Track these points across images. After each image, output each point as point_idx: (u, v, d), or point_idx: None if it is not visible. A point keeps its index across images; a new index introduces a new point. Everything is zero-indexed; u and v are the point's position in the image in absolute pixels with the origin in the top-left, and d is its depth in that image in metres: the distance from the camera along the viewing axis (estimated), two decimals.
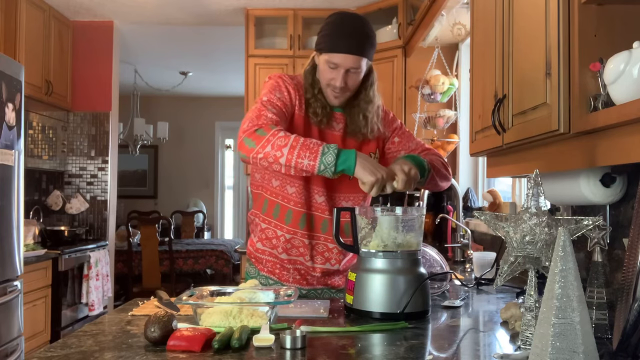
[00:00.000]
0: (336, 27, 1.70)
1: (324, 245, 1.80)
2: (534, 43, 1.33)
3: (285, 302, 1.39)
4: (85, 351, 1.15)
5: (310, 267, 1.80)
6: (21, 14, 3.83)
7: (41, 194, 4.64)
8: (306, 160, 1.52)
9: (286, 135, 1.55)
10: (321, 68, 1.73)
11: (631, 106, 0.95)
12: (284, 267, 1.81)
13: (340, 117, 1.80)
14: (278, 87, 1.73)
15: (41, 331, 3.65)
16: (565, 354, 0.86)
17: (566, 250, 0.90)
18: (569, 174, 1.51)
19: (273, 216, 1.79)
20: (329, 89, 1.73)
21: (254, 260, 1.87)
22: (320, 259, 1.80)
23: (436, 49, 3.46)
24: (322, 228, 1.78)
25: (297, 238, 1.78)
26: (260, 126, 1.58)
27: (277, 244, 1.80)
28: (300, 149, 1.52)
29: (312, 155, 1.52)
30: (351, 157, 1.53)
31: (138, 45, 5.54)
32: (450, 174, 1.86)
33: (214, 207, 8.29)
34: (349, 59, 1.67)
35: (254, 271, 1.87)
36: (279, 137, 1.54)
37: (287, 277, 1.81)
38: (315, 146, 1.53)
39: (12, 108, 2.94)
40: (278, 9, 4.43)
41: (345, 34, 1.67)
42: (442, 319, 1.53)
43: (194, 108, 8.16)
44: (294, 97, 1.74)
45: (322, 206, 1.77)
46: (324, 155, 1.51)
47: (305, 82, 1.78)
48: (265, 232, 1.81)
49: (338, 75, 1.68)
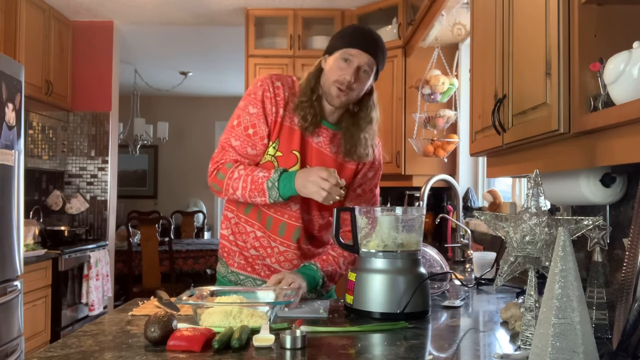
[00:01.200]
0: (354, 30, 1.78)
1: (292, 253, 1.79)
2: (534, 43, 1.33)
3: (285, 302, 1.39)
4: (85, 351, 1.15)
5: (276, 269, 1.79)
6: (21, 14, 3.83)
7: (41, 194, 4.64)
8: (258, 198, 1.68)
9: (239, 175, 1.69)
10: (331, 66, 1.72)
11: (631, 106, 0.95)
12: (255, 262, 1.81)
13: (327, 132, 1.78)
14: (252, 100, 1.75)
15: (41, 331, 3.65)
16: (565, 354, 0.86)
17: (566, 250, 0.90)
18: (569, 174, 1.51)
19: (244, 212, 1.80)
20: (334, 85, 1.70)
21: (225, 255, 1.87)
22: (287, 265, 1.79)
23: (436, 49, 3.46)
24: (294, 236, 1.77)
25: (265, 238, 1.78)
26: (219, 169, 1.73)
27: (247, 240, 1.80)
28: (250, 189, 1.68)
29: (260, 193, 1.67)
30: (290, 184, 1.63)
31: (138, 45, 5.54)
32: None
33: (214, 207, 8.29)
34: (364, 56, 1.69)
35: (224, 270, 1.87)
36: (233, 179, 1.70)
37: (258, 270, 1.81)
38: (261, 183, 1.66)
39: (12, 108, 2.94)
40: (278, 9, 4.43)
41: (364, 36, 1.73)
42: (442, 319, 1.53)
43: (193, 108, 8.16)
44: (270, 104, 1.73)
45: (295, 214, 1.76)
46: (269, 190, 1.66)
47: (306, 85, 1.76)
48: (237, 226, 1.82)
49: (350, 70, 1.69)
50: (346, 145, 1.77)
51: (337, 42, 1.73)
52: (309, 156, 1.77)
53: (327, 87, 1.73)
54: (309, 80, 1.77)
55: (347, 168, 1.80)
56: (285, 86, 1.77)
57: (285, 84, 1.77)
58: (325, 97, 1.75)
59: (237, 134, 1.74)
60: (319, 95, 1.75)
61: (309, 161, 1.76)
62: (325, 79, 1.74)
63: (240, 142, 1.73)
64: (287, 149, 1.74)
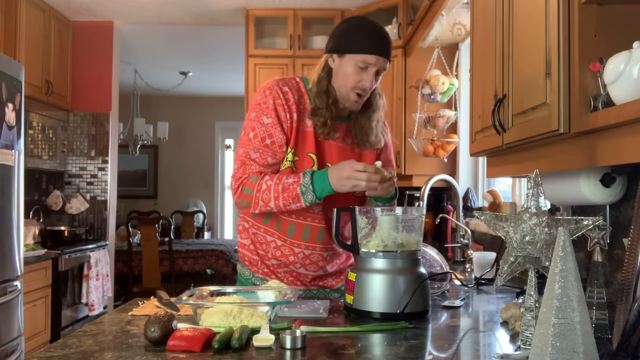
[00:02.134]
0: (365, 30, 1.69)
1: (318, 255, 1.77)
2: (534, 43, 1.33)
3: (285, 302, 1.39)
4: (85, 351, 1.15)
5: (302, 274, 1.79)
6: (21, 14, 3.83)
7: (41, 194, 4.64)
8: (293, 205, 1.65)
9: (267, 187, 1.65)
10: (346, 70, 1.68)
11: (631, 106, 0.95)
12: (276, 271, 1.80)
13: (341, 127, 1.78)
14: (264, 110, 1.70)
15: (41, 331, 3.65)
16: (565, 354, 0.86)
17: (566, 250, 0.90)
18: (569, 174, 1.51)
19: (262, 222, 1.77)
20: (353, 92, 1.69)
21: (247, 263, 1.85)
22: (313, 267, 1.79)
23: (436, 49, 3.46)
24: (319, 238, 1.76)
25: (287, 246, 1.76)
26: (244, 184, 1.69)
27: (268, 250, 1.78)
28: (284, 198, 1.64)
29: (295, 199, 1.64)
30: (325, 184, 1.61)
31: (138, 45, 5.54)
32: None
33: (214, 207, 8.29)
34: (381, 61, 1.67)
35: (248, 273, 1.85)
36: (263, 191, 1.65)
37: (280, 278, 1.80)
38: (293, 189, 1.63)
39: (12, 108, 2.94)
40: (278, 9, 4.43)
41: (377, 36, 1.68)
42: (442, 319, 1.53)
43: (194, 108, 8.16)
44: (283, 111, 1.70)
45: (319, 216, 1.75)
46: (304, 195, 1.63)
47: (318, 89, 1.72)
48: (256, 236, 1.80)
49: (369, 77, 1.67)
50: (357, 136, 1.78)
51: (350, 44, 1.68)
52: (327, 155, 1.75)
53: (344, 92, 1.71)
54: (320, 83, 1.73)
55: (367, 155, 1.81)
56: (293, 89, 1.74)
57: (292, 88, 1.74)
58: (342, 100, 1.73)
59: (255, 146, 1.69)
60: (335, 99, 1.72)
61: (329, 159, 1.75)
62: (341, 83, 1.71)
63: (260, 154, 1.69)
64: (303, 152, 1.73)
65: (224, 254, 5.58)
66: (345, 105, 1.74)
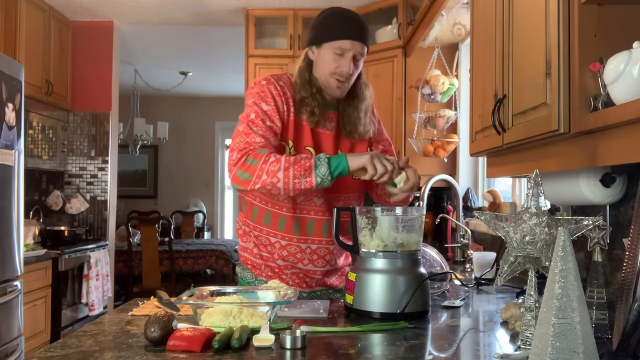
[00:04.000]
0: (337, 17, 1.73)
1: (325, 248, 1.78)
2: (534, 43, 1.33)
3: (285, 302, 1.39)
4: (85, 351, 1.15)
5: (310, 271, 1.79)
6: (21, 14, 3.83)
7: (41, 194, 4.64)
8: (302, 179, 1.55)
9: (277, 158, 1.57)
10: (324, 59, 1.72)
11: (631, 106, 0.95)
12: (282, 272, 1.80)
13: (332, 115, 1.80)
14: (263, 97, 1.70)
15: (41, 331, 3.65)
16: (565, 354, 0.86)
17: (566, 250, 0.90)
18: (569, 174, 1.51)
19: (264, 224, 1.77)
20: (333, 78, 1.72)
21: (250, 267, 1.84)
22: (321, 262, 1.79)
23: (436, 49, 3.46)
24: (323, 231, 1.76)
25: (293, 244, 1.75)
26: (248, 154, 1.59)
27: (273, 251, 1.77)
28: (294, 169, 1.55)
29: (306, 172, 1.55)
30: (342, 159, 1.58)
31: (138, 45, 5.54)
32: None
33: (214, 207, 8.29)
34: (357, 45, 1.70)
35: (250, 276, 1.84)
36: (270, 162, 1.56)
37: (285, 280, 1.79)
38: (306, 161, 1.56)
39: (12, 108, 2.94)
40: (278, 9, 4.43)
41: (349, 22, 1.71)
42: (442, 319, 1.53)
43: (194, 108, 8.16)
44: (281, 102, 1.71)
45: (322, 209, 1.75)
46: (317, 168, 1.56)
47: (301, 80, 1.76)
48: (259, 238, 1.79)
49: (346, 62, 1.70)
50: (346, 127, 1.79)
51: (324, 33, 1.72)
52: (325, 146, 1.76)
53: (324, 80, 1.74)
54: (302, 74, 1.76)
55: (362, 143, 1.83)
56: (288, 84, 1.77)
57: (286, 83, 1.76)
58: (324, 88, 1.75)
59: (257, 125, 1.65)
60: (318, 87, 1.75)
61: (327, 150, 1.76)
62: (321, 72, 1.74)
63: (263, 132, 1.64)
64: (301, 146, 1.74)
65: (224, 254, 5.58)
66: (328, 93, 1.76)
